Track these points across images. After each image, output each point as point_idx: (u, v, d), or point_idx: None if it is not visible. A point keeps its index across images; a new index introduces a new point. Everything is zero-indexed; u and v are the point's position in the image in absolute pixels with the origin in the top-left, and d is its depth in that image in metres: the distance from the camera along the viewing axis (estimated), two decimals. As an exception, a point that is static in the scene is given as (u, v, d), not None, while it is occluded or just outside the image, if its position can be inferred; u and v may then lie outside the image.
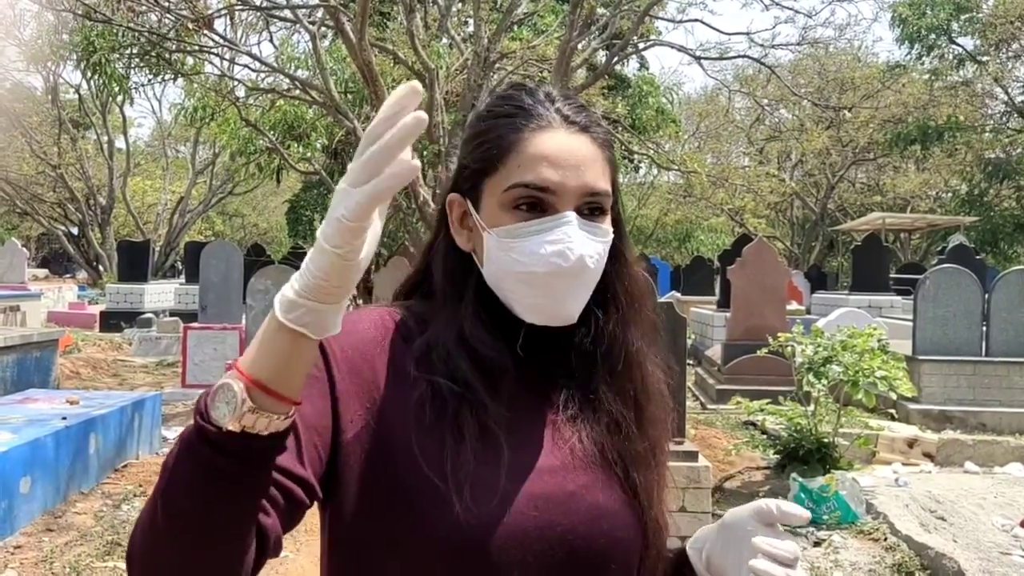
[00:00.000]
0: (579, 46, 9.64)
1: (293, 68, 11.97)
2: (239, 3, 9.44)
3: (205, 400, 0.76)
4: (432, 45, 10.47)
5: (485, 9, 9.71)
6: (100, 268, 25.14)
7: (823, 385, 5.83)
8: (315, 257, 0.74)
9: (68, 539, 4.71)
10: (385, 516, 0.90)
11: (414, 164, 0.71)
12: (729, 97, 22.54)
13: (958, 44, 24.43)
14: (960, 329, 8.46)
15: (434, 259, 1.03)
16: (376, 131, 0.71)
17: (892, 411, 8.16)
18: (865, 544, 4.78)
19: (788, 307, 11.00)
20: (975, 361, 8.35)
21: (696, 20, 11.97)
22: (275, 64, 11.17)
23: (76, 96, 25.23)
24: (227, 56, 11.09)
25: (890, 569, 4.42)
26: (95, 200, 26.03)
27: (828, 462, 5.82)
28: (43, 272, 31.86)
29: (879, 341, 5.97)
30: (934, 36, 23.92)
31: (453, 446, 0.90)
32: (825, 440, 5.92)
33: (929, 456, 7.08)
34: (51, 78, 24.40)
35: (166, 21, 9.39)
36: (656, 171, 24.77)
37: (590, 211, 0.95)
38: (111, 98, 22.35)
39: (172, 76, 11.27)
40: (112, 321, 15.91)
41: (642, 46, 13.59)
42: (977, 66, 24.42)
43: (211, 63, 11.65)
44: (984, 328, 8.56)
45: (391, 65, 10.85)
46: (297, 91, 11.06)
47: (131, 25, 9.19)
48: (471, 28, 11.61)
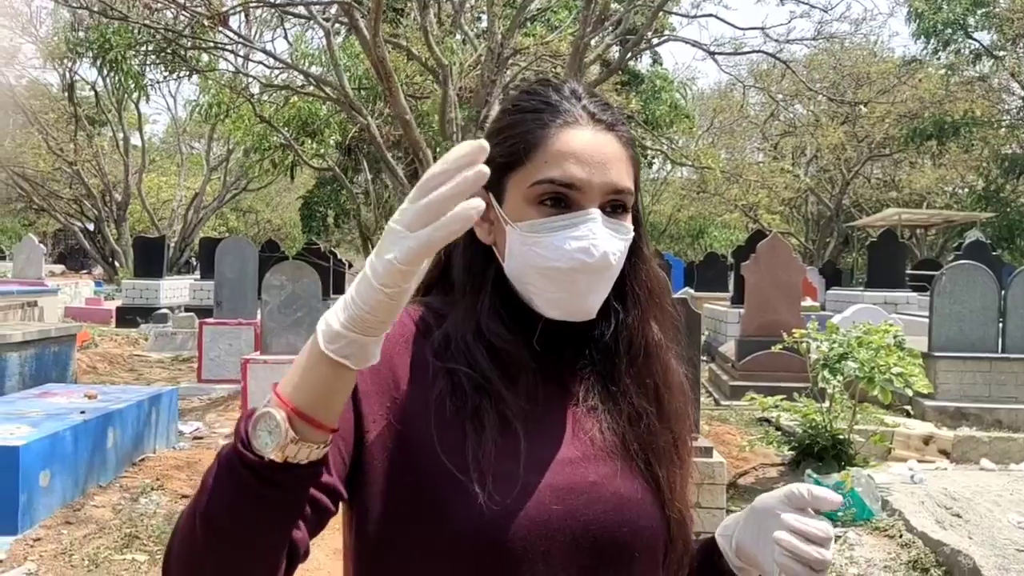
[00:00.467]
0: (593, 42, 9.61)
1: (307, 64, 11.99)
2: (254, 0, 9.48)
3: (246, 426, 0.77)
4: (445, 41, 10.46)
5: (498, 5, 9.70)
6: (116, 264, 25.29)
7: (838, 381, 5.81)
8: (362, 291, 0.73)
9: (87, 532, 4.75)
10: (409, 515, 0.91)
11: (471, 212, 0.70)
12: (743, 92, 22.43)
13: (974, 39, 24.23)
14: (976, 326, 8.40)
15: (454, 251, 1.03)
16: (435, 181, 0.70)
17: (908, 408, 8.11)
18: (880, 541, 4.77)
19: (803, 303, 10.96)
20: (991, 358, 8.30)
21: (710, 15, 11.99)
22: (289, 60, 11.20)
23: (92, 93, 25.35)
24: (242, 53, 11.13)
25: (905, 566, 4.41)
26: (111, 196, 26.17)
27: (843, 459, 5.81)
28: (60, 268, 32.05)
29: (895, 337, 5.94)
30: (950, 31, 23.73)
31: (474, 437, 0.90)
32: (840, 437, 5.91)
33: (945, 453, 7.04)
34: (67, 75, 24.53)
35: (182, 18, 9.44)
36: (670, 167, 24.72)
37: (612, 208, 0.95)
38: (127, 95, 22.44)
39: (187, 73, 11.32)
40: (128, 316, 16.00)
41: (656, 41, 13.54)
42: (994, 61, 24.22)
43: (226, 60, 11.70)
44: (1000, 325, 8.50)
45: (405, 61, 10.85)
46: (311, 87, 11.09)
47: (147, 22, 9.24)
48: (484, 24, 11.60)
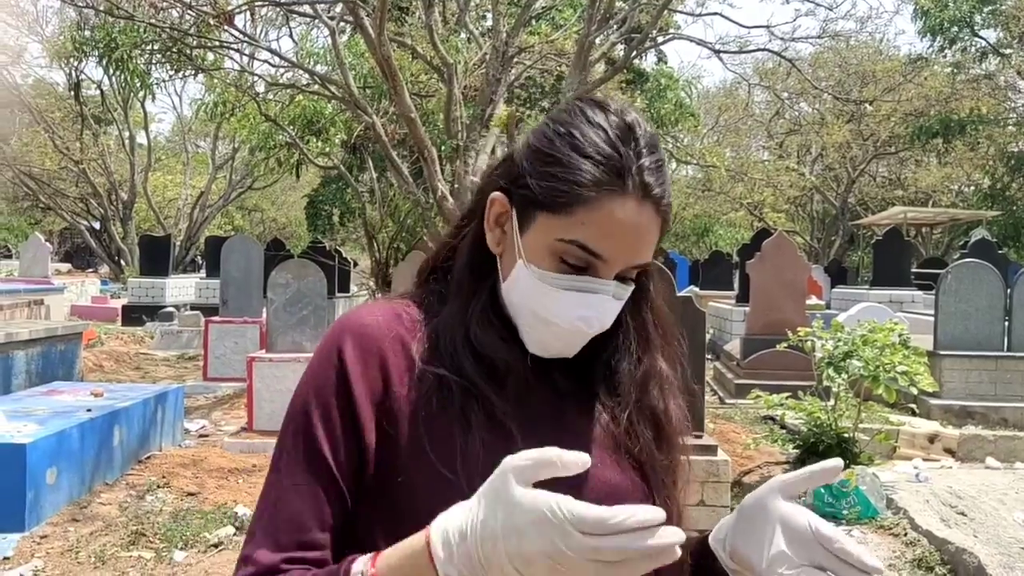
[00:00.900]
0: (598, 40, 9.59)
1: (312, 63, 11.99)
2: (259, -1, 9.50)
3: None
4: (451, 40, 10.45)
5: (503, 3, 9.70)
6: (122, 262, 25.34)
7: (843, 380, 5.80)
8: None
9: (93, 529, 4.77)
10: (398, 515, 0.90)
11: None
12: (749, 91, 22.43)
13: (981, 37, 24.13)
14: (982, 324, 8.39)
15: (460, 244, 1.03)
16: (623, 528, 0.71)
17: (913, 406, 8.10)
18: (885, 539, 4.77)
19: (808, 302, 10.95)
20: (997, 356, 8.28)
21: (716, 13, 11.94)
22: (294, 59, 11.20)
23: (98, 92, 25.39)
24: (247, 52, 11.15)
25: (910, 564, 4.41)
26: (117, 195, 26.23)
27: (848, 457, 5.80)
28: (66, 266, 32.18)
29: (900, 336, 5.93)
30: (956, 29, 23.62)
31: (462, 436, 0.91)
32: (845, 435, 5.90)
33: (950, 452, 7.04)
34: (73, 74, 24.57)
35: (187, 17, 9.45)
36: (675, 165, 24.65)
37: (626, 275, 0.96)
38: (132, 94, 22.45)
39: (193, 72, 11.32)
40: (134, 315, 16.06)
41: (661, 40, 13.51)
42: (1000, 59, 24.12)
43: (231, 59, 11.72)
44: (1006, 323, 8.49)
45: (410, 60, 10.85)
46: (316, 86, 11.09)
47: (153, 21, 9.25)
48: (489, 23, 11.60)
